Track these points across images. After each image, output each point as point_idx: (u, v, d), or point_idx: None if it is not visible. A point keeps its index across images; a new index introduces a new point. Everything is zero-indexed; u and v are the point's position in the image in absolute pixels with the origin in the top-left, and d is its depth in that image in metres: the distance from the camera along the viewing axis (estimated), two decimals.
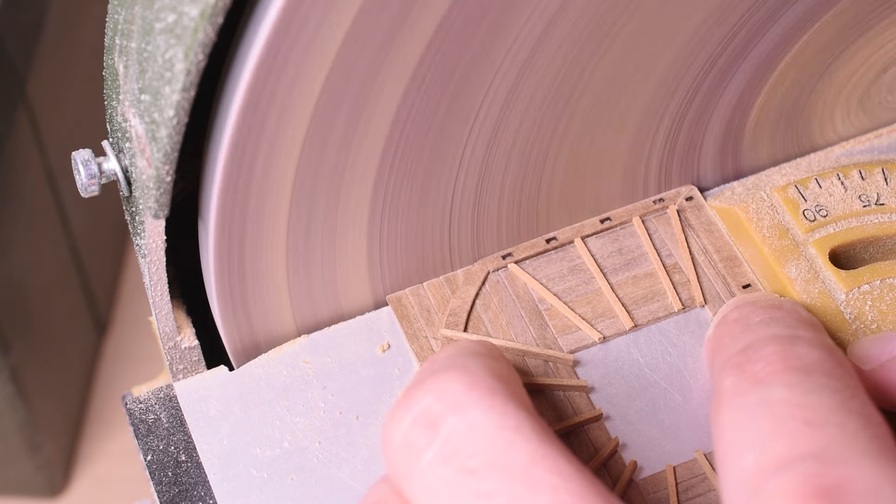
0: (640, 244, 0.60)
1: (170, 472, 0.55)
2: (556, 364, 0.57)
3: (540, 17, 0.52)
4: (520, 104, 0.55)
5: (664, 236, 0.60)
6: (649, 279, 0.59)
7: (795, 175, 0.61)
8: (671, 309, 0.58)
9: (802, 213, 0.59)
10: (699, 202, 0.60)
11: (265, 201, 0.53)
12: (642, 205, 0.61)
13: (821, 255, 0.58)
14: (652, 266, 0.59)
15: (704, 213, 0.60)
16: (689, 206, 0.60)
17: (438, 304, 0.58)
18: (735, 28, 0.56)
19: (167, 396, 0.57)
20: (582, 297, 0.58)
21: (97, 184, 0.54)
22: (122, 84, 0.53)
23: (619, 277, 0.59)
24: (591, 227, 0.60)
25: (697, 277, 0.59)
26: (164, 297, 0.56)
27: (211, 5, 0.47)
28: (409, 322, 0.58)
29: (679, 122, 0.59)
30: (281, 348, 0.58)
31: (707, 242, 0.59)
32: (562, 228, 0.60)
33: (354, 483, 0.55)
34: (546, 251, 0.60)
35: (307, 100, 0.50)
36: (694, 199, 0.61)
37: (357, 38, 0.49)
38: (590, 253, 0.59)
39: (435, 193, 0.57)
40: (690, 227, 0.60)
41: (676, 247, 0.60)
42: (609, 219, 0.60)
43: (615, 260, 0.59)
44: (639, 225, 0.60)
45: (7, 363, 0.93)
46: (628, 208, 0.60)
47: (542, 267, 0.59)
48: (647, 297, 0.58)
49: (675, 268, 0.59)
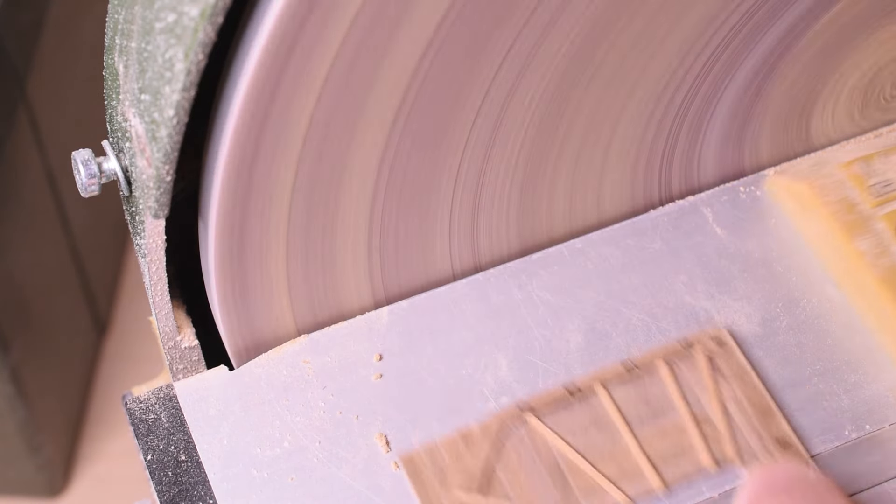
0: (668, 392, 0.56)
1: (170, 471, 0.55)
2: None
3: (540, 17, 0.52)
4: (520, 103, 0.55)
5: (693, 384, 0.56)
6: (678, 432, 0.55)
7: (860, 151, 0.61)
8: (702, 465, 0.54)
9: (869, 188, 0.59)
10: (730, 347, 0.57)
11: (265, 201, 0.53)
12: (669, 348, 0.57)
13: (890, 228, 0.58)
14: (681, 417, 0.55)
15: (736, 358, 0.57)
16: (719, 352, 0.57)
17: (453, 461, 0.54)
18: (735, 28, 0.56)
19: (167, 396, 0.57)
20: (607, 454, 0.54)
21: (97, 184, 0.54)
22: (122, 84, 0.53)
23: (646, 430, 0.55)
24: (615, 374, 0.56)
25: (731, 431, 0.55)
26: (164, 297, 0.56)
27: (211, 5, 0.47)
28: (421, 483, 0.54)
29: (679, 122, 0.59)
30: (281, 348, 0.58)
31: (740, 392, 0.56)
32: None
33: (354, 483, 0.55)
34: (567, 401, 0.56)
35: (308, 99, 0.50)
36: (724, 343, 0.57)
37: (359, 35, 0.49)
38: (614, 403, 0.55)
39: (435, 193, 0.57)
40: (721, 373, 0.56)
41: (706, 396, 0.56)
42: (632, 362, 0.57)
43: (641, 410, 0.55)
44: (665, 372, 0.56)
45: (7, 363, 0.93)
46: (653, 350, 0.57)
47: (564, 418, 0.55)
48: (676, 452, 0.55)
49: (705, 419, 0.55)
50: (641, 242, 0.61)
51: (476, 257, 0.60)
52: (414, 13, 0.49)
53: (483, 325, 0.59)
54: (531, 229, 0.60)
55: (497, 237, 0.60)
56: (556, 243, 0.61)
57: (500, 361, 0.58)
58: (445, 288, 0.60)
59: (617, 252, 0.61)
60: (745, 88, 0.59)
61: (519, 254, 0.61)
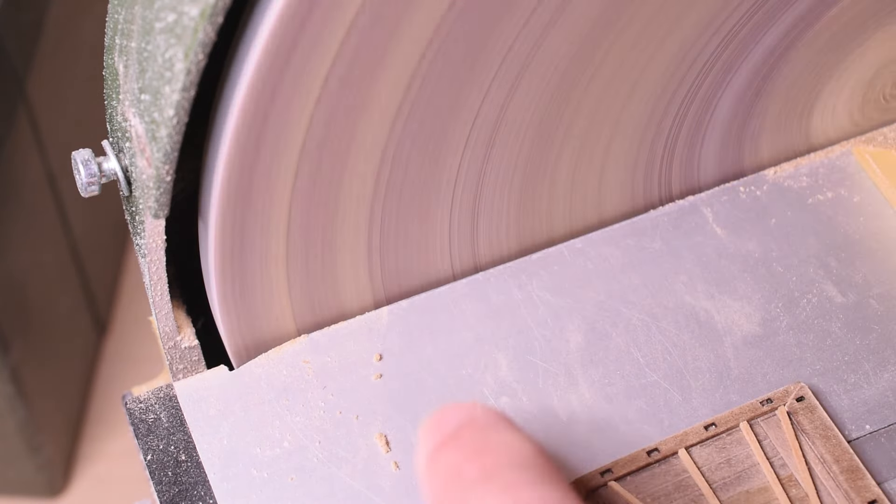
0: (751, 453, 0.55)
1: (170, 471, 0.55)
2: None
3: (540, 17, 0.52)
4: (520, 103, 0.55)
5: (775, 443, 0.55)
6: (763, 495, 0.54)
7: None
8: None
9: None
10: (811, 403, 0.56)
11: (265, 200, 0.53)
12: (749, 407, 0.55)
13: None
14: (765, 479, 0.54)
15: (818, 415, 0.55)
16: (800, 408, 0.55)
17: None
18: (735, 28, 0.56)
19: (167, 396, 0.57)
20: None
21: (97, 184, 0.54)
22: (122, 84, 0.53)
23: (730, 493, 0.54)
24: (696, 436, 0.55)
25: (817, 492, 0.54)
26: (164, 297, 0.56)
27: (211, 5, 0.47)
28: None
29: (679, 122, 0.59)
30: (281, 348, 0.58)
31: (824, 450, 0.54)
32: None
33: (354, 483, 0.55)
34: (648, 465, 0.54)
35: (309, 98, 0.50)
36: (805, 399, 0.56)
37: (359, 35, 0.49)
38: (696, 465, 0.54)
39: (435, 193, 0.57)
40: (804, 431, 0.55)
41: (790, 455, 0.54)
42: (714, 424, 0.55)
43: (724, 472, 0.54)
44: (747, 431, 0.55)
45: (7, 363, 0.93)
46: (734, 412, 0.55)
47: (645, 483, 0.54)
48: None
49: (790, 480, 0.54)
50: (641, 242, 0.61)
51: (476, 257, 0.60)
52: (413, 14, 0.49)
53: (483, 325, 0.59)
54: (531, 229, 0.60)
55: (497, 237, 0.60)
56: (556, 243, 0.61)
57: (500, 361, 0.58)
58: (445, 288, 0.60)
59: (617, 252, 0.61)
60: (745, 88, 0.59)
61: (519, 254, 0.61)
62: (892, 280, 0.60)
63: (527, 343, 0.58)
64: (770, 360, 0.58)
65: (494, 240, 0.60)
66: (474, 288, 0.60)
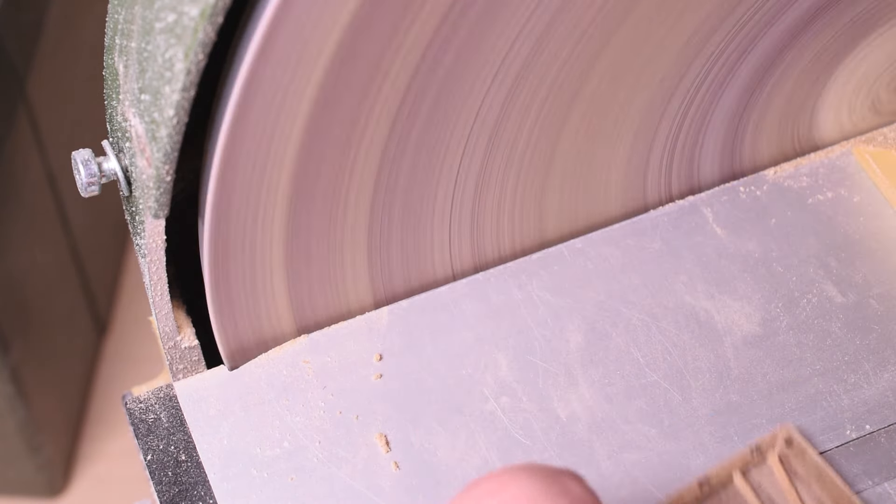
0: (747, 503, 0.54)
1: (170, 471, 0.55)
2: None
3: (540, 17, 0.52)
4: (520, 104, 0.55)
5: (771, 491, 0.54)
6: None
7: None
8: None
9: None
10: (800, 446, 0.55)
11: (265, 200, 0.53)
12: (739, 458, 0.55)
13: None
14: None
15: (809, 458, 0.54)
16: (791, 453, 0.55)
17: None
18: (735, 28, 0.56)
19: (167, 396, 0.57)
20: None
21: (97, 184, 0.54)
22: (122, 84, 0.53)
23: None
24: (691, 495, 0.54)
25: None
26: (164, 297, 0.56)
27: (211, 5, 0.47)
28: None
29: (679, 122, 0.59)
30: (281, 348, 0.58)
31: (821, 492, 0.54)
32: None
33: (354, 483, 0.55)
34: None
35: (307, 97, 0.50)
36: (793, 441, 0.55)
37: (358, 35, 0.49)
38: None
39: (436, 192, 0.57)
40: (797, 476, 0.55)
41: (787, 502, 0.54)
42: (707, 480, 0.54)
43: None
44: (742, 483, 0.54)
45: (7, 363, 0.93)
46: (724, 465, 0.54)
47: None
48: None
49: None
50: (641, 242, 0.61)
51: (476, 257, 0.60)
52: (413, 14, 0.49)
53: (483, 325, 0.59)
54: (531, 229, 0.60)
55: (496, 237, 0.60)
56: (556, 243, 0.61)
57: (500, 361, 0.58)
58: (445, 288, 0.60)
59: (617, 252, 0.61)
60: (744, 89, 0.59)
61: (518, 254, 0.61)
62: (892, 280, 0.60)
63: (527, 343, 0.58)
64: (770, 360, 0.58)
65: (494, 240, 0.60)
66: (474, 288, 0.60)
